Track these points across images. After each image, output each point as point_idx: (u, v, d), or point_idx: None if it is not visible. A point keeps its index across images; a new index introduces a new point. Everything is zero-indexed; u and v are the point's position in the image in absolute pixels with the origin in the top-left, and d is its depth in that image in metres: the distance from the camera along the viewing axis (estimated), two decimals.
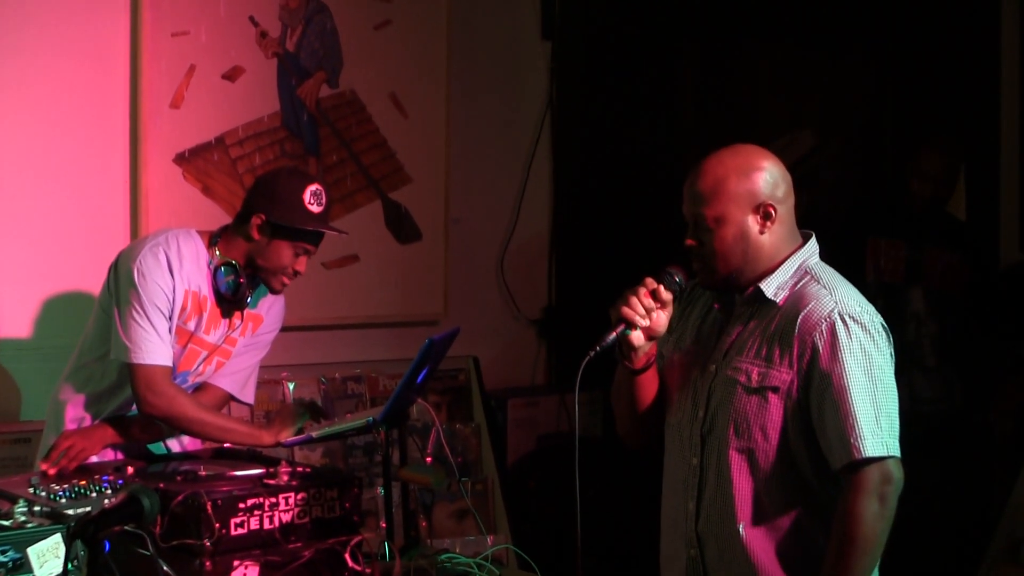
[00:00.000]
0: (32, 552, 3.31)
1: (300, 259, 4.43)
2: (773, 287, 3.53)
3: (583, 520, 3.52)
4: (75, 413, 4.50)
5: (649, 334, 3.58)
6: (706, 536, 3.58)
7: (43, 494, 3.83)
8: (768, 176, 3.52)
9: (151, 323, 4.28)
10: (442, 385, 6.16)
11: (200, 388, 4.58)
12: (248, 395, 4.69)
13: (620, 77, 6.67)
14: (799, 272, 3.55)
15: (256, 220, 4.38)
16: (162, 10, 5.40)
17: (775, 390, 3.46)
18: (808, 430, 3.44)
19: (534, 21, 6.65)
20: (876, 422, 3.36)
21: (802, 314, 3.45)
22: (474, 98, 6.43)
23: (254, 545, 3.77)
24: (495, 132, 6.56)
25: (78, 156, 5.27)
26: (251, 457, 4.37)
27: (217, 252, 4.44)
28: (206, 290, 4.44)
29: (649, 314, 3.54)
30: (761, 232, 3.52)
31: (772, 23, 6.70)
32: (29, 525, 3.37)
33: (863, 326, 3.42)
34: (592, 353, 3.48)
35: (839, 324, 3.41)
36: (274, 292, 4.52)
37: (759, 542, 3.50)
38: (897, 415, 3.42)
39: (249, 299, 4.50)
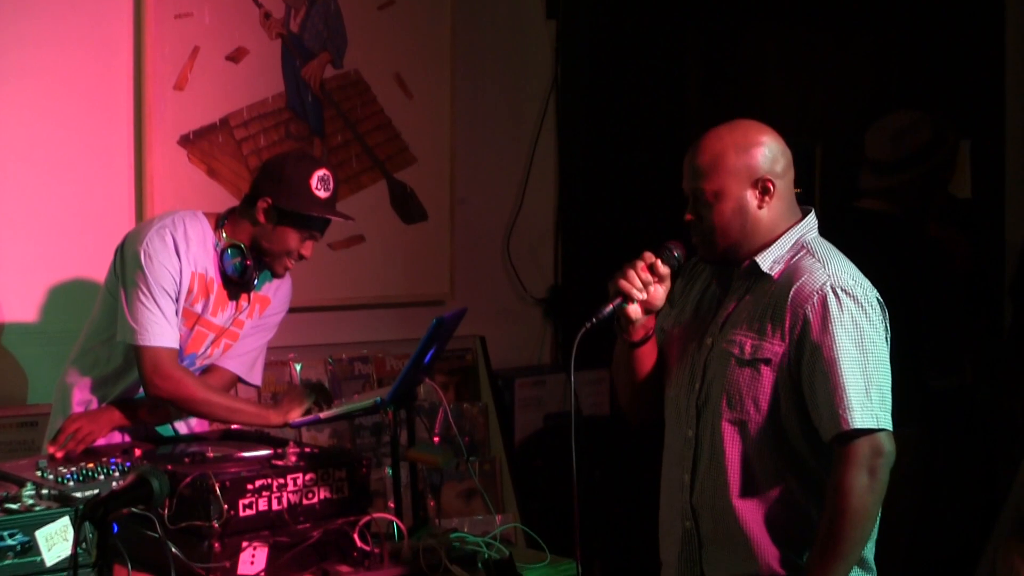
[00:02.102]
0: (40, 535, 3.32)
1: (306, 244, 4.43)
2: (769, 261, 3.55)
3: (590, 498, 3.54)
4: (82, 396, 4.51)
5: (646, 307, 3.62)
6: (700, 508, 3.60)
7: (51, 477, 3.84)
8: (767, 151, 3.54)
9: (158, 305, 4.28)
10: (449, 365, 6.16)
11: (208, 370, 4.58)
12: (256, 377, 4.70)
13: (625, 57, 6.66)
14: (796, 246, 3.57)
15: (262, 204, 4.38)
16: None
17: (767, 362, 3.48)
18: (800, 402, 3.46)
19: (539, 1, 6.63)
20: (866, 394, 3.37)
21: (795, 287, 3.47)
22: (479, 78, 6.42)
23: (262, 526, 3.78)
24: (500, 112, 6.55)
25: (82, 139, 5.27)
26: (259, 438, 4.37)
27: (224, 234, 4.44)
28: (213, 272, 4.44)
29: (646, 288, 3.57)
30: (759, 207, 3.54)
31: (778, 4, 6.69)
32: (37, 508, 3.37)
33: (855, 299, 3.44)
34: (588, 325, 3.51)
35: (831, 296, 3.42)
36: (277, 276, 4.53)
37: (751, 514, 3.52)
38: (889, 388, 3.44)
39: (256, 281, 4.50)
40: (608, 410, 6.55)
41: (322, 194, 4.37)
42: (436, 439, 4.43)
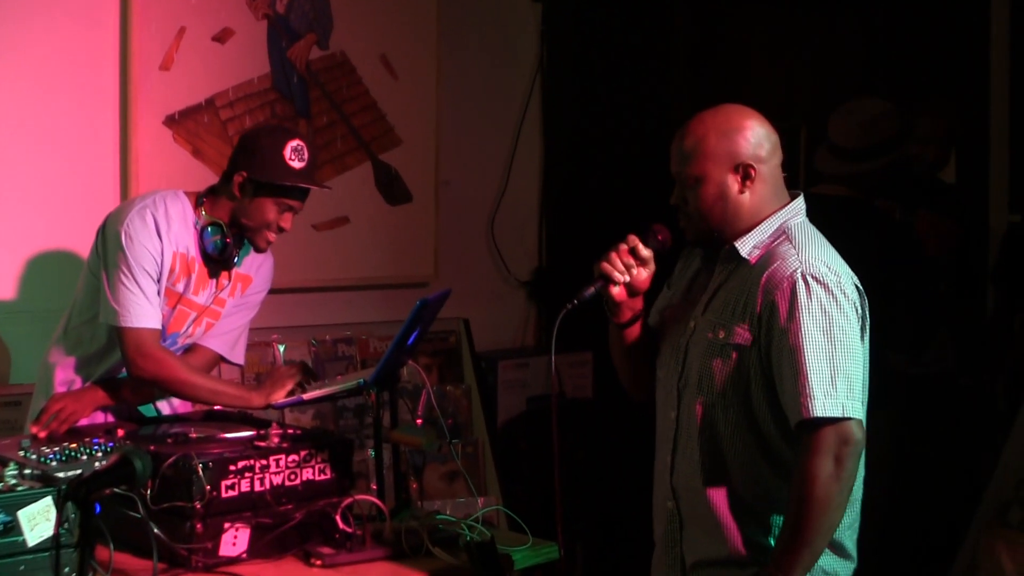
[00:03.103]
0: (23, 515, 3.32)
1: (284, 216, 4.42)
2: (748, 246, 3.56)
3: (573, 481, 3.55)
4: (65, 376, 4.50)
5: (630, 289, 3.64)
6: (679, 488, 3.63)
7: (34, 457, 3.83)
8: (751, 136, 3.55)
9: (139, 286, 4.28)
10: (432, 347, 6.16)
11: (190, 349, 4.58)
12: (238, 356, 4.69)
13: (611, 39, 6.66)
14: (777, 232, 3.58)
15: (238, 178, 4.38)
16: None
17: (738, 348, 3.49)
18: (771, 388, 3.46)
19: None
20: (831, 383, 3.36)
21: (767, 272, 3.48)
22: (464, 60, 6.42)
23: (245, 507, 3.78)
24: (485, 94, 6.56)
25: (68, 118, 5.26)
26: (242, 419, 4.37)
27: (203, 212, 4.44)
28: (194, 251, 4.43)
29: (628, 270, 3.59)
30: (741, 192, 3.55)
31: None
32: (20, 488, 3.37)
33: (825, 286, 3.42)
34: (569, 306, 3.55)
35: (800, 283, 3.42)
36: (259, 250, 4.52)
37: (720, 497, 3.54)
38: (861, 377, 3.44)
39: (236, 259, 4.49)
40: (591, 392, 6.57)
41: (296, 164, 4.37)
42: (419, 421, 4.42)
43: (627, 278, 3.60)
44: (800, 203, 3.64)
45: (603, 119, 6.67)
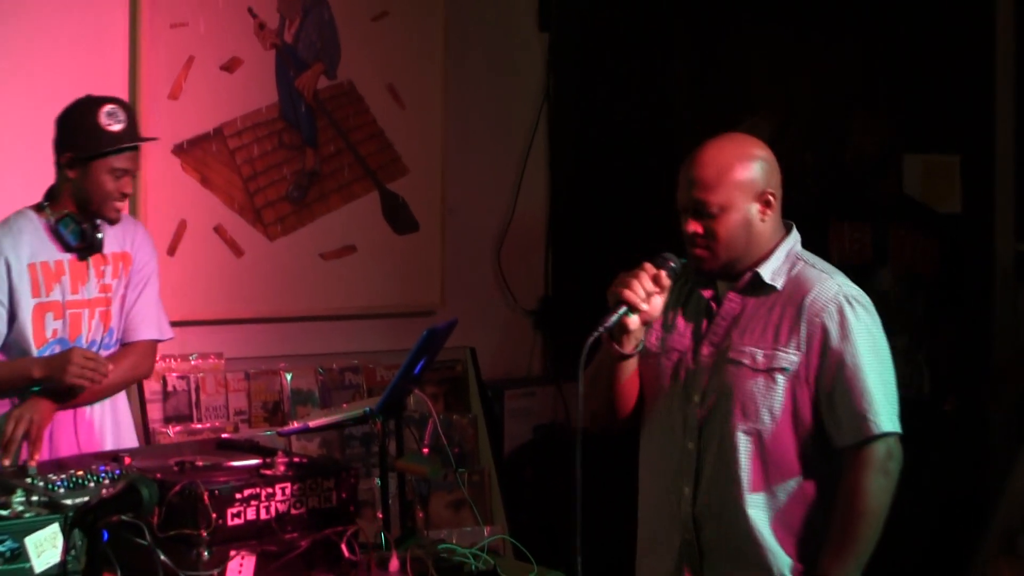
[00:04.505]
0: (30, 542, 3.33)
1: (122, 180, 4.45)
2: (769, 273, 3.59)
3: (581, 509, 3.55)
4: None
5: (644, 319, 3.58)
6: (704, 518, 3.60)
7: (41, 484, 3.84)
8: (767, 165, 3.59)
9: None
10: (439, 375, 6.17)
11: (125, 347, 4.58)
12: (166, 331, 4.73)
13: (616, 68, 6.68)
14: (790, 259, 3.63)
15: (64, 160, 4.43)
16: (161, 2, 5.43)
17: (783, 371, 3.52)
18: (814, 409, 3.52)
19: (531, 12, 6.66)
20: (887, 399, 3.49)
21: (808, 298, 3.53)
22: (471, 89, 6.44)
23: (250, 535, 3.78)
24: (492, 123, 6.57)
25: None
26: (248, 448, 4.38)
27: (48, 212, 4.47)
28: (57, 253, 4.46)
29: (649, 298, 3.54)
30: (762, 220, 3.58)
31: (766, 13, 6.69)
32: (27, 515, 3.38)
33: (864, 307, 3.54)
34: (596, 334, 3.49)
35: (846, 306, 3.51)
36: (111, 222, 4.51)
37: (764, 522, 3.55)
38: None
39: (100, 238, 4.50)
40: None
41: (115, 127, 4.39)
42: (425, 450, 4.42)
43: (648, 306, 3.55)
44: (797, 232, 3.69)
45: (609, 147, 6.68)
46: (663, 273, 3.55)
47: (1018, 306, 6.54)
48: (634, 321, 3.56)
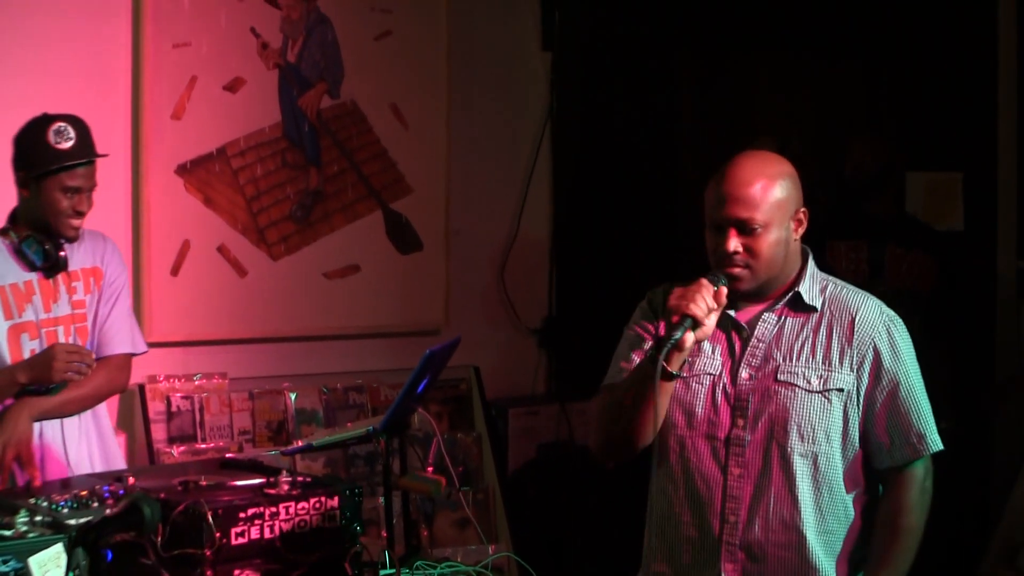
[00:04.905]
0: (33, 562, 3.32)
1: (76, 198, 4.44)
2: (806, 293, 3.59)
3: (585, 526, 3.54)
4: None
5: (699, 336, 3.46)
6: (757, 545, 3.54)
7: (44, 504, 3.84)
8: (798, 183, 3.59)
9: None
10: (443, 394, 6.17)
11: (99, 361, 4.57)
12: (140, 344, 4.72)
13: (620, 88, 6.68)
14: (817, 278, 3.64)
15: (18, 180, 4.44)
16: (163, 22, 5.43)
17: (840, 391, 3.53)
18: (864, 429, 3.56)
19: (534, 32, 6.66)
20: (932, 418, 3.57)
21: (857, 318, 3.56)
22: (474, 108, 6.45)
23: (255, 554, 3.77)
24: (495, 142, 6.58)
25: None
26: (252, 467, 4.38)
27: (12, 235, 4.47)
28: (25, 274, 4.47)
29: (708, 315, 3.44)
30: (795, 238, 3.59)
31: (769, 32, 6.70)
32: (31, 535, 3.38)
33: (904, 329, 3.60)
34: (667, 348, 3.37)
35: (893, 327, 3.57)
36: (69, 240, 4.50)
37: (822, 545, 3.55)
38: None
39: (64, 255, 4.49)
40: None
41: (64, 144, 4.39)
42: (429, 468, 4.43)
43: (710, 322, 3.45)
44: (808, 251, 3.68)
45: (613, 167, 6.68)
46: (724, 290, 3.48)
47: (1020, 323, 6.54)
48: (690, 338, 3.43)
